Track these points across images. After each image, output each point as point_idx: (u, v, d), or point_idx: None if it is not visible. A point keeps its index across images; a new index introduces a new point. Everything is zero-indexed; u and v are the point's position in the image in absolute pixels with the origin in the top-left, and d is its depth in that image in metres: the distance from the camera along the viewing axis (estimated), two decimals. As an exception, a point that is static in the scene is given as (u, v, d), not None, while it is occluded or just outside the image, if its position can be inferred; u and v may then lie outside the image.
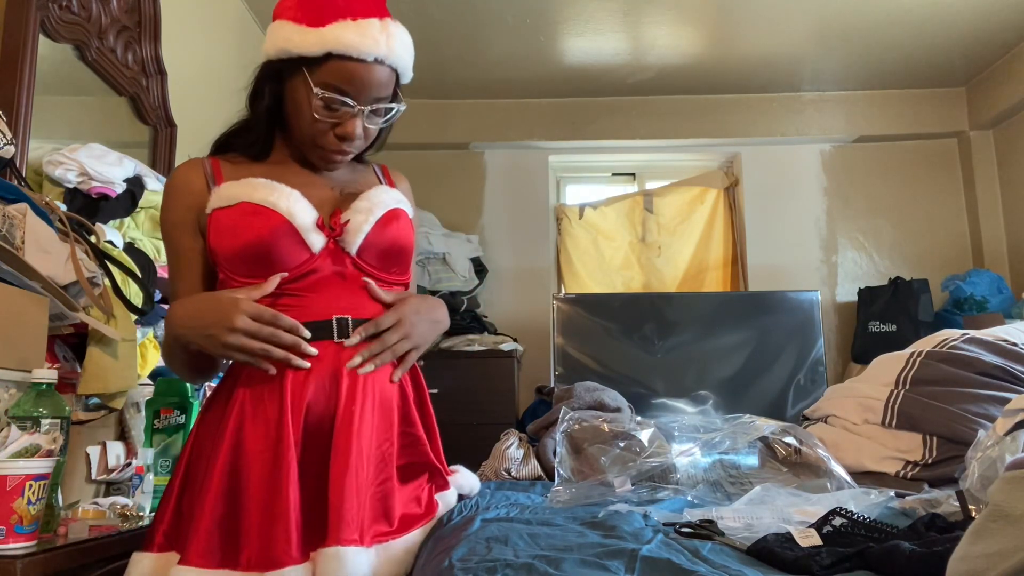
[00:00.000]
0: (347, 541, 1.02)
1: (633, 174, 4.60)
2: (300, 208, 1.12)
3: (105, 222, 1.78)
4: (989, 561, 0.63)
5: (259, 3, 3.26)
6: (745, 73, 4.00)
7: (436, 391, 1.43)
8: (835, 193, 4.26)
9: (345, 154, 1.20)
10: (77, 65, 2.08)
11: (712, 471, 1.54)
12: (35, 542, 1.07)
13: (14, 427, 1.11)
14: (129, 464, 1.58)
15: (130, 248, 1.76)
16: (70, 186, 1.77)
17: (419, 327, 1.18)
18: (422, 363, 1.31)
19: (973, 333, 1.95)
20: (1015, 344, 1.88)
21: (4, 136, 1.56)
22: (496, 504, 1.33)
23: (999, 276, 3.79)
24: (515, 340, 3.75)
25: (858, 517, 1.05)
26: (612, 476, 1.47)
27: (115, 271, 1.58)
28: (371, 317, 1.15)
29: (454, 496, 1.28)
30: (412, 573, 1.05)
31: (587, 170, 4.63)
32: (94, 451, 1.55)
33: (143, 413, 1.61)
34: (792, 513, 1.20)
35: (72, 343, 1.53)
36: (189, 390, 1.54)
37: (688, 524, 1.13)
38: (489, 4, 3.32)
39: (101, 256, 1.57)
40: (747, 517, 1.18)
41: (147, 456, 1.48)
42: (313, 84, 1.12)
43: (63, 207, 1.63)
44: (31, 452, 1.08)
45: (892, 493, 1.37)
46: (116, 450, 1.59)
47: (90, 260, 1.53)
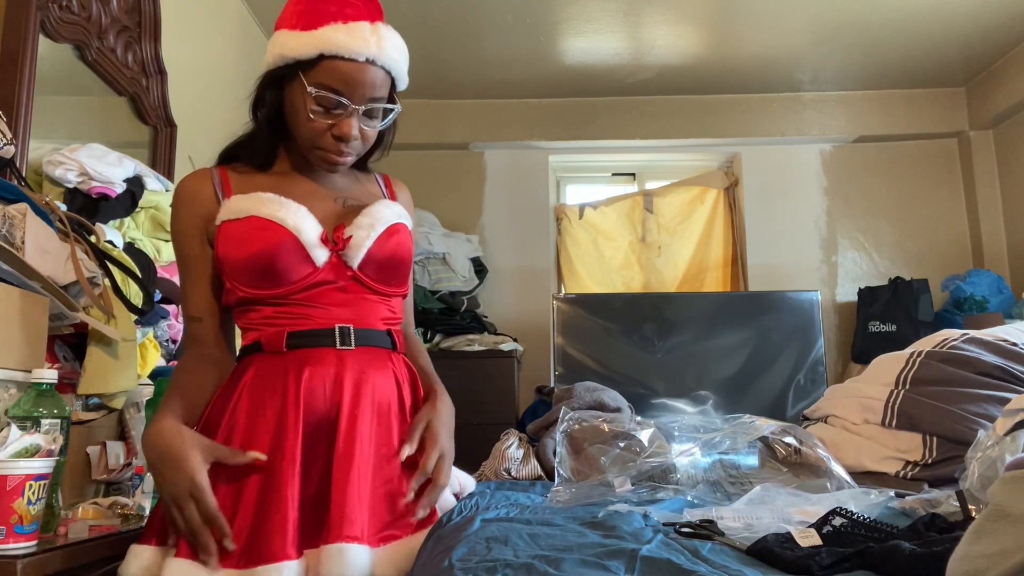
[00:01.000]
0: (349, 538, 1.04)
1: (633, 174, 4.60)
2: (306, 224, 1.17)
3: (105, 222, 1.78)
4: (989, 561, 0.63)
5: (259, 3, 3.26)
6: (745, 73, 4.00)
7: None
8: (835, 193, 4.26)
9: (344, 155, 1.22)
10: (77, 65, 2.08)
11: (712, 471, 1.54)
12: (35, 542, 1.07)
13: (14, 427, 1.11)
14: (129, 464, 1.58)
15: (130, 248, 1.76)
16: (70, 186, 1.77)
17: (450, 443, 1.22)
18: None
19: (973, 333, 1.95)
20: (1015, 344, 1.88)
21: (4, 136, 1.56)
22: (496, 504, 1.33)
23: (999, 276, 3.80)
24: (515, 340, 3.75)
25: (858, 517, 1.05)
26: (612, 476, 1.47)
27: (115, 271, 1.58)
28: (371, 327, 1.22)
29: (451, 498, 1.29)
30: (412, 573, 1.05)
31: (587, 170, 4.63)
32: (94, 451, 1.55)
33: (143, 413, 1.61)
34: (792, 513, 1.20)
35: (72, 343, 1.53)
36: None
37: (688, 524, 1.13)
38: (489, 4, 3.32)
39: (101, 256, 1.57)
40: (747, 517, 1.18)
41: (147, 456, 1.47)
42: (308, 84, 1.16)
43: (63, 207, 1.63)
44: (31, 452, 1.08)
45: (892, 493, 1.37)
46: (116, 450, 1.59)
47: (90, 260, 1.53)
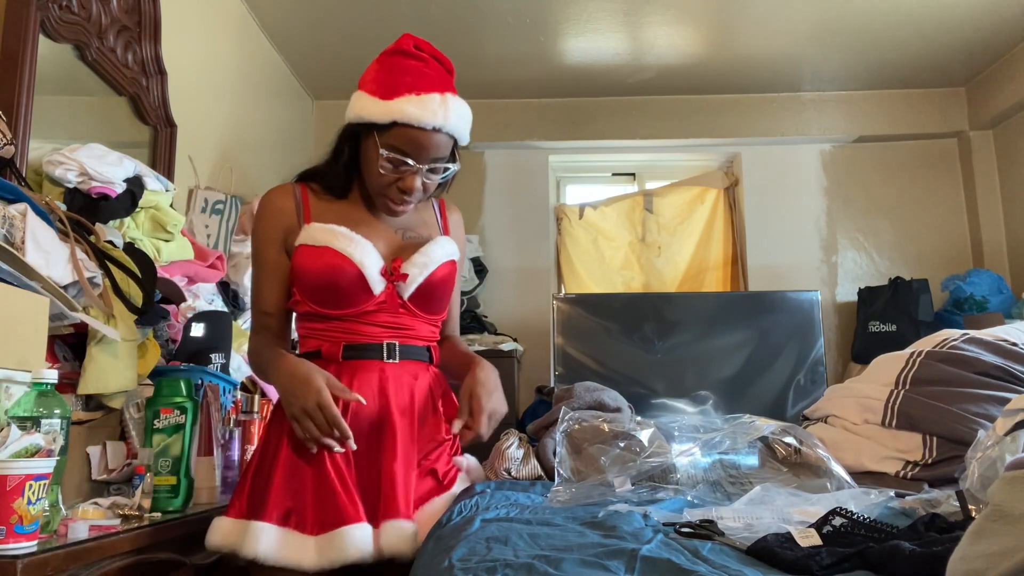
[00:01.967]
0: (404, 516, 1.27)
1: (633, 174, 4.60)
2: (370, 261, 1.37)
3: (105, 222, 1.77)
4: (989, 561, 0.63)
5: (259, 3, 3.26)
6: (745, 73, 4.00)
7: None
8: (835, 193, 4.26)
9: (405, 204, 1.41)
10: (77, 65, 2.08)
11: (712, 471, 1.54)
12: (35, 542, 1.07)
13: (14, 427, 1.11)
14: (129, 464, 1.58)
15: (130, 248, 1.75)
16: (70, 186, 1.77)
17: (496, 401, 1.40)
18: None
19: (973, 333, 1.95)
20: (1015, 344, 1.88)
21: (4, 136, 1.56)
22: (496, 504, 1.33)
23: (999, 276, 3.79)
24: (515, 340, 3.75)
25: (858, 517, 1.05)
26: (612, 476, 1.46)
27: (115, 271, 1.58)
28: (412, 343, 1.43)
29: (467, 459, 1.50)
30: (412, 573, 1.05)
31: (587, 170, 4.63)
32: (94, 451, 1.55)
33: (143, 413, 1.61)
34: (792, 513, 1.20)
35: (72, 343, 1.53)
36: (189, 390, 1.54)
37: (688, 524, 1.13)
38: (489, 4, 3.32)
39: (101, 256, 1.57)
40: (747, 517, 1.18)
41: (147, 456, 1.48)
42: (380, 146, 1.35)
43: (63, 207, 1.63)
44: (31, 452, 1.08)
45: (892, 493, 1.37)
46: (116, 450, 1.59)
47: (90, 260, 1.53)
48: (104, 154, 1.85)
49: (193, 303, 2.10)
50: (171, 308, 1.91)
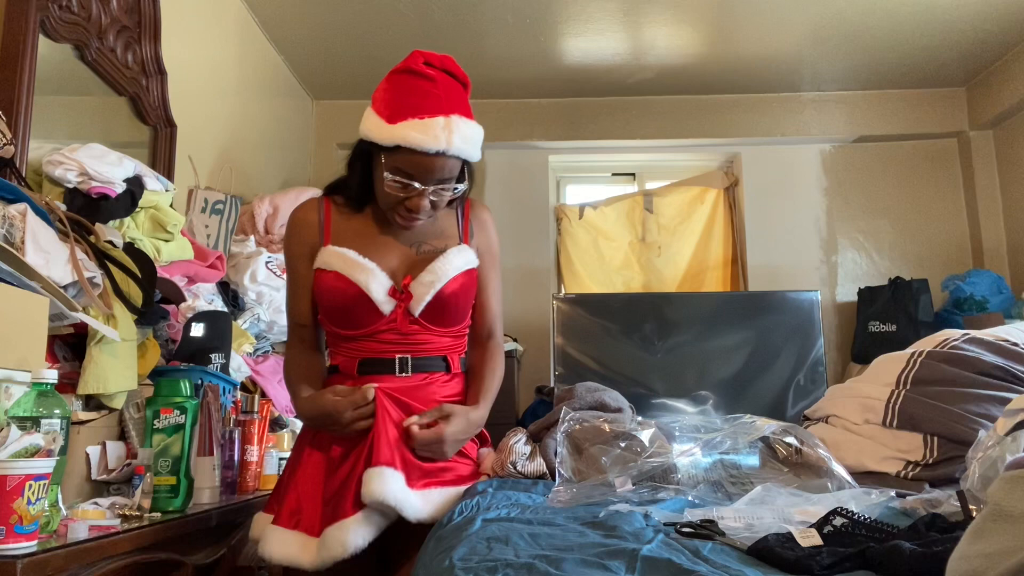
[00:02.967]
0: (382, 463, 1.29)
1: (633, 174, 4.60)
2: (376, 285, 1.41)
3: (105, 222, 1.77)
4: (989, 561, 0.63)
5: (259, 3, 3.26)
6: (745, 73, 4.00)
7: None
8: (835, 193, 4.26)
9: (413, 222, 1.43)
10: (77, 65, 2.08)
11: (713, 471, 1.54)
12: (35, 542, 1.07)
13: (14, 427, 1.11)
14: (129, 464, 1.58)
15: (130, 248, 1.75)
16: (70, 186, 1.77)
17: (450, 446, 1.41)
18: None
19: (974, 333, 1.95)
20: (1016, 344, 1.88)
21: (4, 136, 1.56)
22: (497, 504, 1.33)
23: (999, 276, 3.79)
24: (515, 340, 3.75)
25: (859, 517, 1.05)
26: (613, 476, 1.46)
27: (115, 271, 1.58)
28: (427, 355, 1.47)
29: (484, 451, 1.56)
30: (412, 573, 1.05)
31: (587, 170, 4.63)
32: (94, 451, 1.55)
33: (143, 413, 1.61)
34: (793, 513, 1.20)
35: (72, 343, 1.53)
36: (189, 390, 1.54)
37: (689, 524, 1.13)
38: (489, 4, 3.32)
39: (101, 256, 1.57)
40: (748, 517, 1.18)
41: (147, 456, 1.48)
42: (385, 168, 1.36)
43: (63, 207, 1.63)
44: (31, 452, 1.08)
45: (893, 493, 1.36)
46: (116, 450, 1.59)
47: (90, 260, 1.53)
48: (104, 154, 1.85)
49: (193, 303, 2.10)
50: (171, 308, 1.90)
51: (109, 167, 1.82)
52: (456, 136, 1.34)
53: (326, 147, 4.23)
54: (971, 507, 1.12)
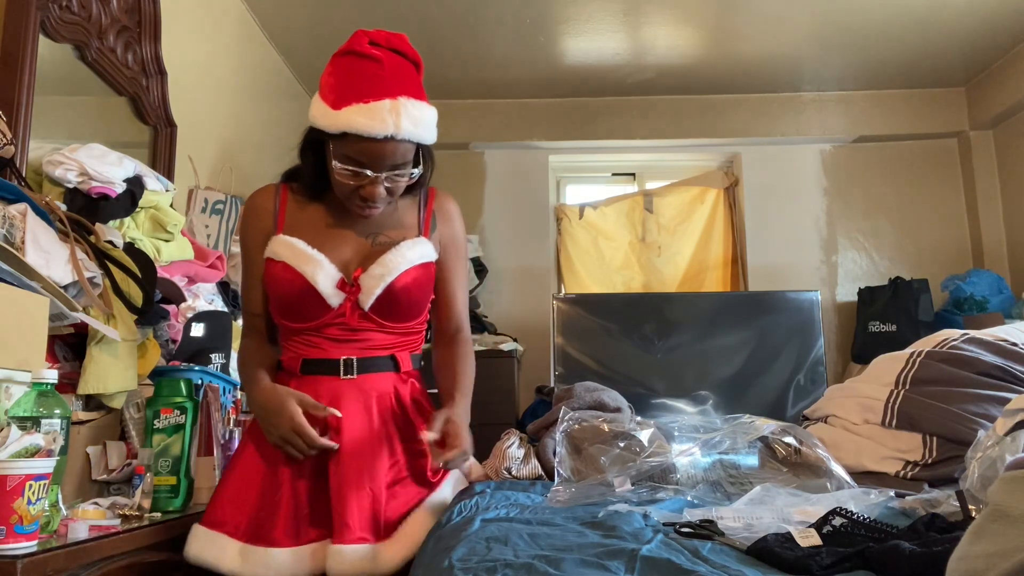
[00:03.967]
0: (355, 539, 1.25)
1: (633, 174, 4.60)
2: (323, 276, 1.35)
3: (105, 222, 1.77)
4: (989, 561, 0.63)
5: (259, 3, 3.26)
6: (745, 73, 4.00)
7: (436, 391, 1.45)
8: (835, 193, 4.26)
9: (370, 211, 1.37)
10: (77, 65, 2.08)
11: (712, 471, 1.54)
12: (35, 542, 1.07)
13: (14, 427, 1.11)
14: (129, 464, 1.58)
15: (130, 248, 1.75)
16: (70, 186, 1.77)
17: (469, 440, 1.35)
18: (422, 363, 1.49)
19: (973, 333, 1.95)
20: (1015, 344, 1.88)
21: (4, 136, 1.56)
22: (496, 504, 1.33)
23: (999, 276, 3.79)
24: (515, 340, 3.75)
25: (858, 517, 1.05)
26: (612, 476, 1.47)
27: (115, 271, 1.58)
28: (374, 355, 1.39)
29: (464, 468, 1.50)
30: (411, 573, 1.05)
31: (587, 170, 4.63)
32: (94, 451, 1.55)
33: (143, 413, 1.61)
34: (792, 513, 1.20)
35: (72, 343, 1.53)
36: (189, 390, 1.54)
37: (688, 524, 1.13)
38: (489, 4, 3.32)
39: (101, 256, 1.57)
40: (747, 517, 1.18)
41: (147, 456, 1.48)
42: (334, 156, 1.31)
43: (63, 207, 1.63)
44: (31, 452, 1.08)
45: (892, 493, 1.37)
46: (116, 450, 1.59)
47: (90, 260, 1.53)
48: (104, 154, 1.85)
49: (193, 303, 2.10)
50: (171, 308, 1.90)
51: (109, 167, 1.82)
52: (405, 119, 1.27)
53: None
54: (970, 507, 1.12)
